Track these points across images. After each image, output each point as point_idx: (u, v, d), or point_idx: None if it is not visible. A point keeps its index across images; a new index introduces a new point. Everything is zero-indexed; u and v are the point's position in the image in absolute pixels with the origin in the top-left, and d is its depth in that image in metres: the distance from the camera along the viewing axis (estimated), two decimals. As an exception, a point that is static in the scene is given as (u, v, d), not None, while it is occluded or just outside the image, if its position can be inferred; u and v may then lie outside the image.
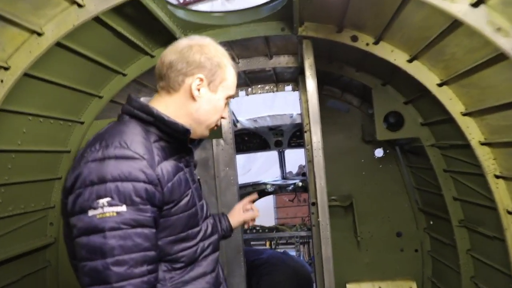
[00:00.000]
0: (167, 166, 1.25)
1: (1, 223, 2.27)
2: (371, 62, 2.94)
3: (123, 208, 1.10)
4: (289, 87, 3.76)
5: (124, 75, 2.65)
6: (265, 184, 5.28)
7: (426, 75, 2.42)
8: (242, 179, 5.33)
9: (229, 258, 3.69)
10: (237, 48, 2.97)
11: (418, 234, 3.68)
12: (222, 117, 1.46)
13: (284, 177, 5.53)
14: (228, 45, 2.85)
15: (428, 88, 2.43)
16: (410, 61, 2.43)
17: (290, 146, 4.98)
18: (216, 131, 3.51)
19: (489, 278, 2.73)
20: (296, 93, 3.87)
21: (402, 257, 3.69)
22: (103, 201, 1.09)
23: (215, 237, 1.49)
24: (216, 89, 1.38)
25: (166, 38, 2.50)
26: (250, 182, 5.22)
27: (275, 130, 4.82)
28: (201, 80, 1.33)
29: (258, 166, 5.42)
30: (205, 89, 1.35)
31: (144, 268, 1.12)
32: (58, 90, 2.28)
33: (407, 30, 2.21)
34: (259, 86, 3.77)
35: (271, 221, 10.28)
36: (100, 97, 2.65)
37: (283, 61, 3.14)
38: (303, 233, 5.08)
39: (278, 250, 5.18)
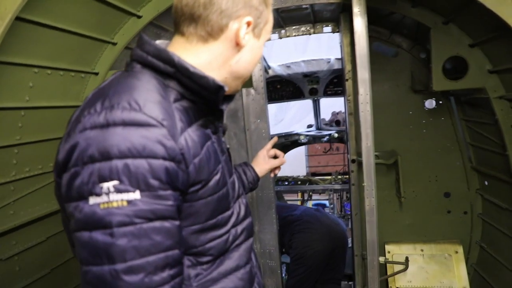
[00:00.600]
0: (192, 135, 0.95)
1: (20, 184, 2.14)
2: (433, -6, 2.41)
3: (136, 195, 0.81)
4: (328, 28, 3.26)
5: (138, 17, 2.30)
6: (298, 135, 4.97)
7: (510, 9, 1.90)
8: (274, 129, 5.04)
9: (261, 214, 3.52)
10: (269, -19, 2.50)
11: (469, 195, 3.31)
12: None
13: (318, 127, 5.17)
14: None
15: (511, 25, 1.92)
16: (490, -10, 1.91)
17: (326, 94, 4.55)
18: (245, 80, 3.18)
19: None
20: (335, 36, 3.38)
21: (449, 219, 3.37)
22: (109, 185, 0.81)
23: (249, 220, 1.21)
24: (260, 34, 1.07)
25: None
26: (282, 133, 4.92)
27: (310, 77, 4.37)
28: (249, 24, 1.00)
29: (291, 116, 5.08)
30: (249, 35, 1.03)
31: (166, 273, 0.85)
32: (64, 37, 1.98)
33: None
34: (293, 27, 3.30)
35: (303, 169, 10.17)
36: (114, 44, 2.34)
37: (323, -4, 2.65)
38: (337, 186, 4.84)
39: (311, 206, 5.02)
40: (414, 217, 3.44)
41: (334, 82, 4.40)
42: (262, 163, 1.75)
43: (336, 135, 4.75)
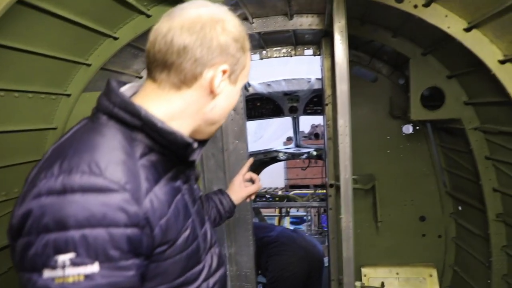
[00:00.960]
0: (159, 194, 0.89)
1: (-19, 212, 2.01)
2: (413, 27, 2.44)
3: (94, 267, 0.75)
4: (309, 51, 3.27)
5: (115, 38, 2.21)
6: (277, 152, 4.95)
7: (486, 48, 1.94)
8: (254, 146, 5.00)
9: (238, 236, 3.46)
10: (250, 6, 2.47)
11: (443, 219, 3.37)
12: None
13: (297, 144, 5.17)
14: (241, 2, 2.36)
15: (487, 64, 1.96)
16: (468, 29, 1.94)
17: (306, 112, 4.56)
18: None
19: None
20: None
21: (424, 242, 3.41)
22: (64, 258, 0.74)
23: (221, 271, 1.16)
24: (236, 79, 1.01)
25: (164, -7, 2.03)
26: (261, 150, 4.88)
27: (290, 95, 4.37)
28: (225, 72, 0.95)
29: (270, 133, 5.06)
30: (225, 82, 0.97)
31: None
32: (34, 60, 1.87)
33: (473, -8, 1.71)
34: (275, 49, 3.28)
35: (281, 181, 10.14)
36: (88, 65, 2.24)
37: (305, 22, 2.64)
38: (315, 204, 4.83)
39: (288, 224, 4.98)
40: (390, 241, 3.46)
41: (314, 101, 4.41)
42: (238, 191, 1.71)
43: (314, 152, 4.76)
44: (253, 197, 1.79)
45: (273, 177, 9.62)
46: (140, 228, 0.82)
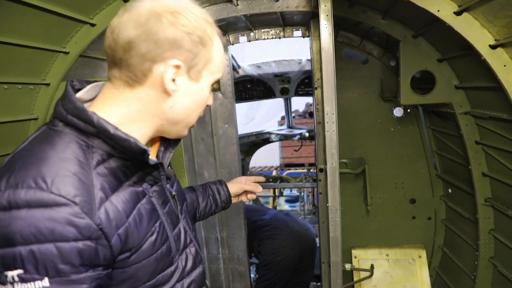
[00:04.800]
0: (116, 203, 0.86)
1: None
2: (403, 9, 2.35)
3: (44, 282, 0.75)
4: (298, 32, 3.16)
5: (92, 25, 2.12)
6: (269, 133, 4.91)
7: (477, 33, 1.88)
8: (245, 128, 4.96)
9: (229, 220, 3.47)
10: (235, -12, 2.37)
11: (433, 201, 3.38)
12: (207, 105, 1.04)
13: (290, 125, 5.13)
14: (224, -16, 2.26)
15: (477, 49, 1.90)
16: (458, 13, 1.87)
17: (298, 94, 4.49)
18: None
19: (510, 260, 2.47)
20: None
21: (413, 224, 3.44)
22: (13, 274, 0.74)
23: (198, 270, 1.14)
24: (199, 76, 0.95)
25: (141, -23, 1.93)
26: (253, 132, 4.84)
27: (281, 77, 4.29)
28: (178, 67, 0.89)
29: (262, 114, 5.00)
30: (183, 78, 0.92)
31: None
32: (7, 49, 1.80)
33: (463, -26, 1.62)
34: (263, 30, 3.18)
35: (276, 160, 10.18)
36: (66, 53, 2.16)
37: (292, 4, 2.54)
38: (308, 184, 4.84)
39: (282, 210, 4.99)
40: (380, 223, 3.49)
41: (305, 82, 4.33)
42: (237, 184, 1.72)
43: (307, 134, 4.72)
44: (249, 197, 1.78)
45: (269, 156, 9.64)
46: (93, 240, 0.81)
